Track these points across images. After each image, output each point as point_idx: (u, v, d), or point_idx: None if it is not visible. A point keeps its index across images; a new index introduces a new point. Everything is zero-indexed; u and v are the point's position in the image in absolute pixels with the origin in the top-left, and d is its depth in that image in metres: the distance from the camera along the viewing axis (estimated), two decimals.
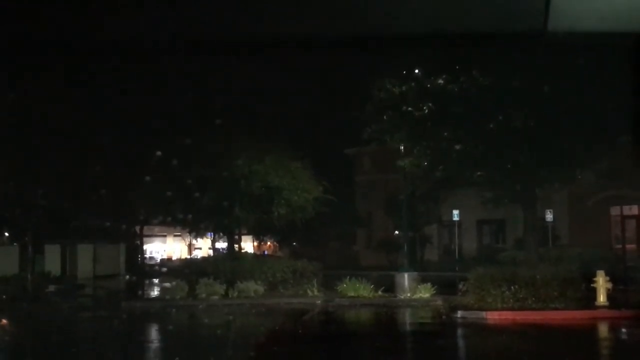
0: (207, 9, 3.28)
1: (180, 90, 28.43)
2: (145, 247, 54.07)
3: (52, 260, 37.27)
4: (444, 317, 20.72)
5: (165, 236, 63.01)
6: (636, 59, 3.34)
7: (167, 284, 27.26)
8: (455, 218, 40.35)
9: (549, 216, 33.96)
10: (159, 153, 26.44)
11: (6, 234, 40.62)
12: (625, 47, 3.33)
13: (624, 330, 18.60)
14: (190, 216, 31.59)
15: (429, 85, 21.56)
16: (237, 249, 32.83)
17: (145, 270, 45.84)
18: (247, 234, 46.39)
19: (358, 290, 24.64)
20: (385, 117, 22.89)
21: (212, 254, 46.38)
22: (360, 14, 3.26)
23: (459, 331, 19.13)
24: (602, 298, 20.19)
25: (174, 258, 60.81)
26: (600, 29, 3.09)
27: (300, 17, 3.27)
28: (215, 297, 25.02)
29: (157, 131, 28.11)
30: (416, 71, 21.77)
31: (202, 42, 3.59)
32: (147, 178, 27.73)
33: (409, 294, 24.24)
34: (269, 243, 59.30)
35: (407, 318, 22.39)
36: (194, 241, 57.78)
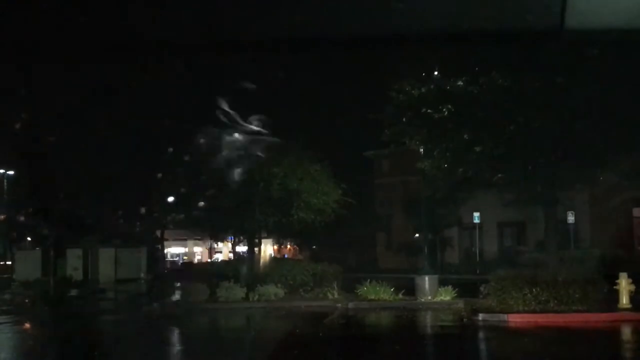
0: (230, 10, 3.29)
1: (201, 92, 28.55)
2: (166, 250, 54.41)
3: (74, 264, 37.58)
4: (465, 320, 20.56)
5: (185, 240, 63.32)
6: None
7: (188, 288, 27.31)
8: (476, 220, 40.11)
9: (571, 218, 33.66)
10: (179, 156, 26.59)
11: (29, 238, 41.01)
12: None
13: None
14: (210, 220, 31.69)
15: (448, 87, 21.47)
16: (257, 252, 32.86)
17: (166, 274, 46.08)
18: (267, 237, 46.47)
19: (378, 293, 24.54)
20: (404, 118, 22.83)
21: (232, 258, 46.56)
22: (378, 17, 3.25)
23: (481, 334, 18.95)
24: (624, 300, 19.95)
25: (194, 261, 61.08)
26: (616, 26, 3.05)
27: (319, 20, 3.27)
28: (236, 300, 25.06)
29: (178, 135, 28.25)
30: (435, 73, 21.71)
31: (224, 42, 3.59)
32: (168, 181, 27.88)
33: (429, 297, 24.13)
34: (289, 246, 59.39)
35: (428, 321, 22.25)
36: (214, 245, 58.05)
